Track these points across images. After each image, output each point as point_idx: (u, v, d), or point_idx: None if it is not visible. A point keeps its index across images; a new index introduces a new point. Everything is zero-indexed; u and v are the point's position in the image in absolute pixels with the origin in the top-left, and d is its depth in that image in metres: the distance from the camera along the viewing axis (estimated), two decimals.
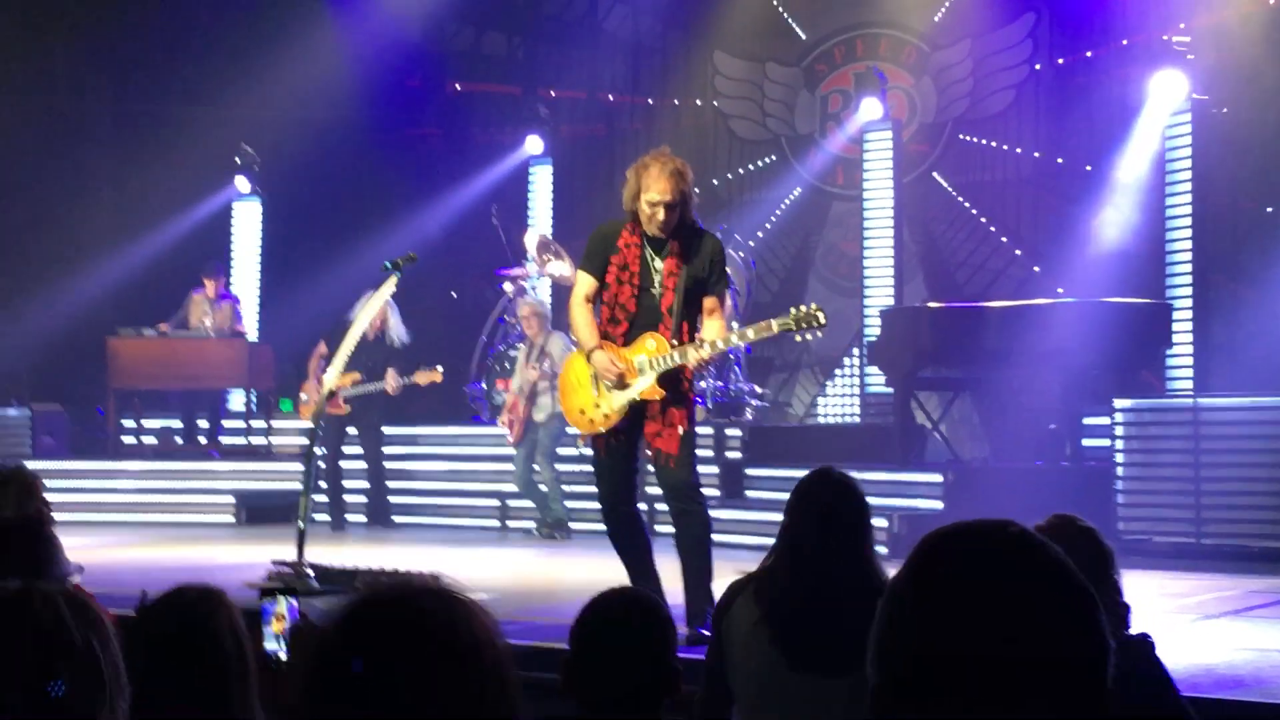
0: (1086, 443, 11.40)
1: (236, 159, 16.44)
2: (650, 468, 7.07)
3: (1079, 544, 3.93)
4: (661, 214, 6.76)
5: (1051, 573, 1.54)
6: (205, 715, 2.88)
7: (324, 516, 12.94)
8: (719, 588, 6.76)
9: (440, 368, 12.88)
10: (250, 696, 2.99)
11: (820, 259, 16.56)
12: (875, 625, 1.58)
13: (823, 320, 6.81)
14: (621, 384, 6.80)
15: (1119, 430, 10.81)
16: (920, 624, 1.53)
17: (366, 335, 12.64)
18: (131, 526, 13.17)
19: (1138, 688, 3.97)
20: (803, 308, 6.86)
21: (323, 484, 13.06)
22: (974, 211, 15.60)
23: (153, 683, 2.92)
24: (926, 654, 1.51)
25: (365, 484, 13.26)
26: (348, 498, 13.27)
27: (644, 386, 6.79)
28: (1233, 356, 12.42)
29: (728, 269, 12.78)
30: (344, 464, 13.25)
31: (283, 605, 3.36)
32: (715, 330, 6.85)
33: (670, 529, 7.03)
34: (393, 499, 13.39)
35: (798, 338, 7.25)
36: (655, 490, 7.91)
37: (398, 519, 13.23)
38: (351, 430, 13.21)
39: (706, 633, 6.51)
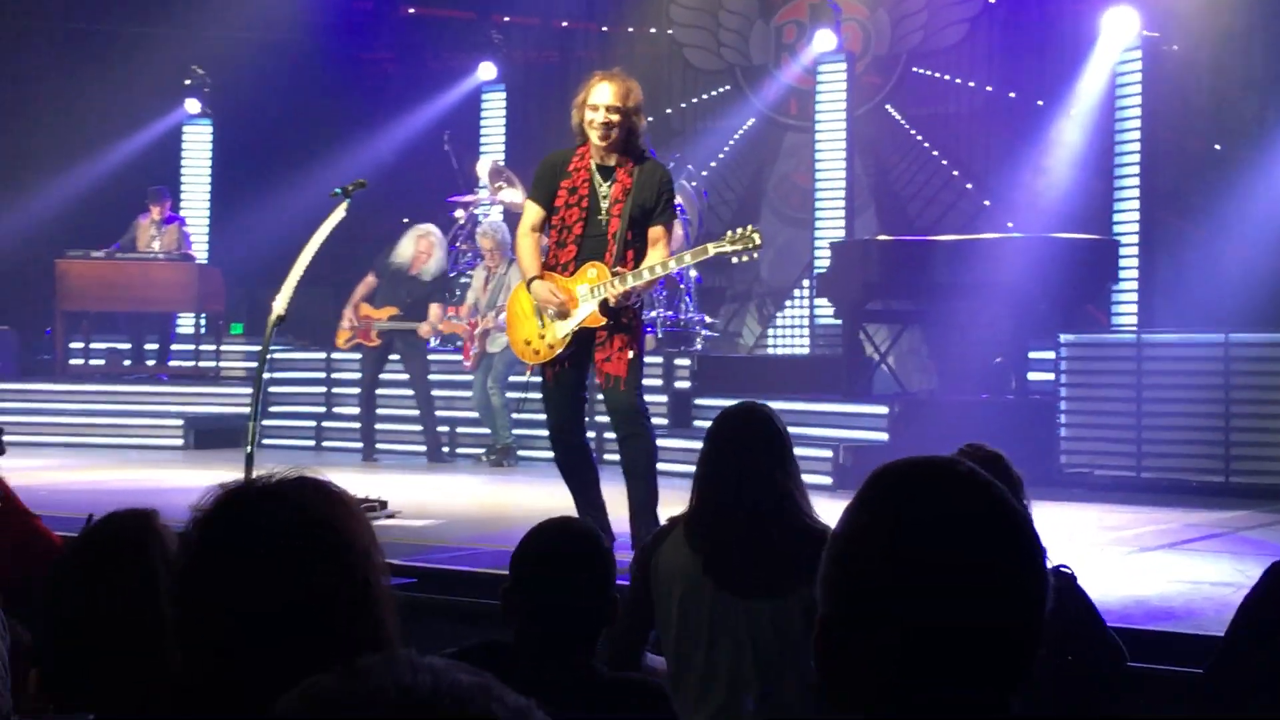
0: (1031, 376, 11.51)
1: (187, 80, 16.29)
2: (599, 396, 7.11)
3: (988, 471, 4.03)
4: (602, 116, 6.73)
5: (997, 509, 1.59)
6: (140, 643, 2.89)
7: (354, 444, 12.66)
8: (665, 515, 6.85)
9: (466, 324, 12.27)
10: None
11: (773, 190, 16.59)
12: (825, 557, 1.62)
13: (758, 241, 6.84)
14: (563, 313, 6.83)
15: (1063, 365, 10.93)
16: (868, 557, 1.58)
17: (407, 268, 12.34)
18: (79, 449, 13.14)
19: (1062, 619, 4.08)
20: (739, 230, 6.89)
21: (356, 410, 12.75)
22: (926, 145, 15.64)
23: (87, 609, 2.94)
24: (875, 586, 1.56)
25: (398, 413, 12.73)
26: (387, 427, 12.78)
27: (585, 315, 6.81)
28: (1177, 293, 12.55)
29: (679, 199, 12.93)
30: (380, 393, 12.60)
31: None
32: (654, 259, 6.84)
33: (618, 458, 7.08)
34: (340, 425, 13.25)
35: (734, 260, 7.27)
36: (604, 419, 7.97)
37: (346, 445, 13.14)
38: (394, 357, 12.51)
39: None
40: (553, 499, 7.38)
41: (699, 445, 11.68)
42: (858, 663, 1.56)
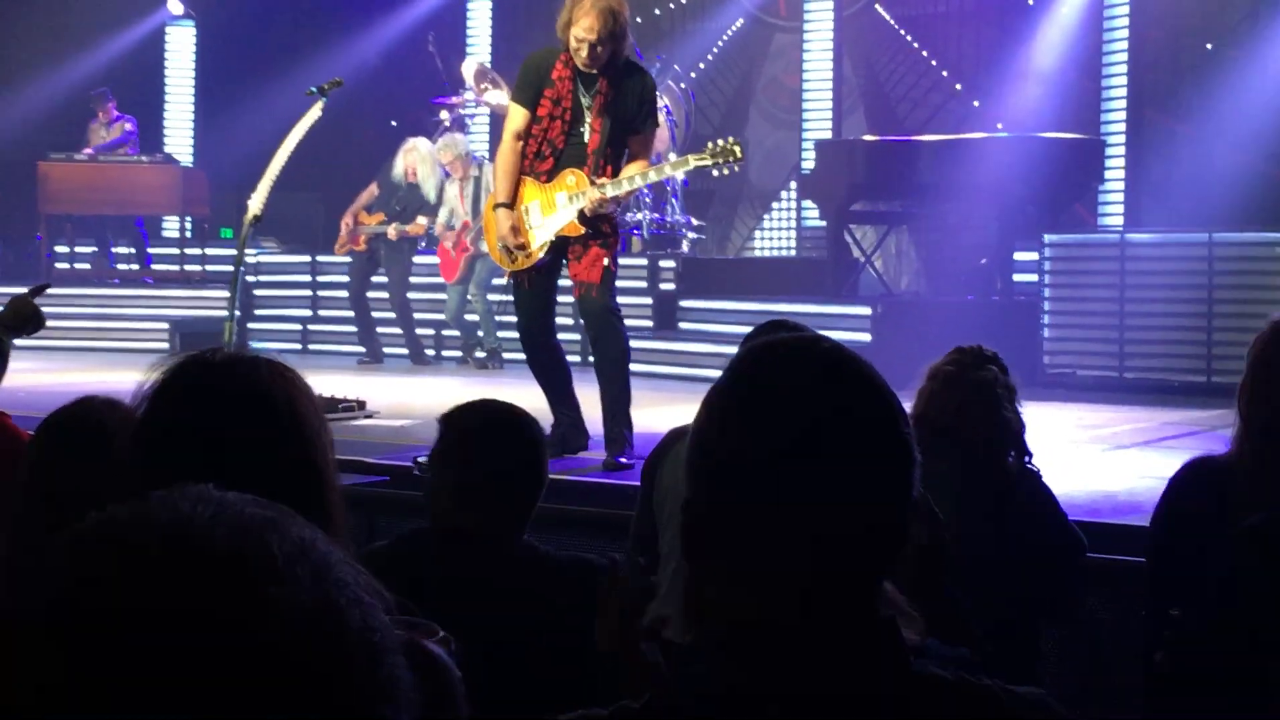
0: (1017, 277, 11.48)
1: None
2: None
3: (982, 374, 4.05)
4: (585, 50, 6.67)
5: (860, 385, 1.55)
6: None
7: (340, 347, 12.84)
8: (647, 416, 6.86)
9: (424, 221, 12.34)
10: None
11: (761, 91, 16.46)
12: (689, 438, 1.58)
13: (739, 155, 6.80)
14: (517, 252, 6.83)
15: (1047, 265, 10.88)
16: (730, 437, 1.53)
17: (403, 179, 12.33)
18: (64, 353, 13.09)
19: (1024, 512, 4.12)
20: (720, 142, 6.84)
21: (342, 314, 12.95)
22: (915, 45, 15.50)
23: (61, 488, 2.95)
24: (734, 465, 1.52)
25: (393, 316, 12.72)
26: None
27: (563, 223, 6.79)
28: (1165, 193, 12.49)
29: (666, 100, 12.82)
30: (371, 297, 12.60)
31: None
32: (634, 169, 6.82)
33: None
34: (326, 328, 13.28)
35: (714, 173, 7.23)
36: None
37: (331, 348, 13.16)
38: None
39: (624, 460, 6.62)
40: (533, 399, 7.36)
41: (683, 347, 11.60)
42: (721, 547, 1.52)
